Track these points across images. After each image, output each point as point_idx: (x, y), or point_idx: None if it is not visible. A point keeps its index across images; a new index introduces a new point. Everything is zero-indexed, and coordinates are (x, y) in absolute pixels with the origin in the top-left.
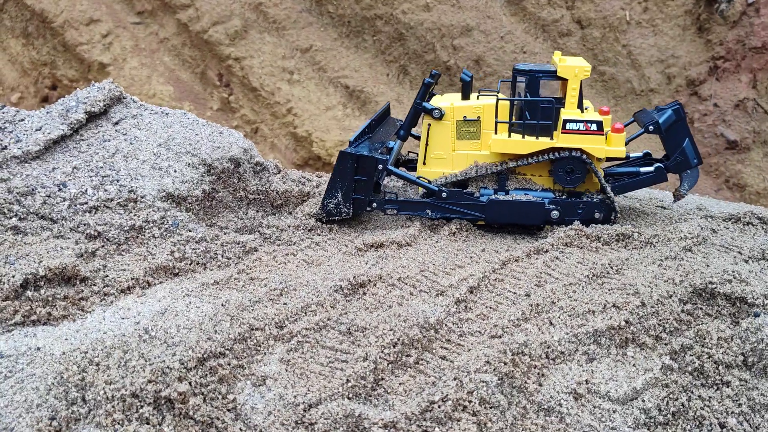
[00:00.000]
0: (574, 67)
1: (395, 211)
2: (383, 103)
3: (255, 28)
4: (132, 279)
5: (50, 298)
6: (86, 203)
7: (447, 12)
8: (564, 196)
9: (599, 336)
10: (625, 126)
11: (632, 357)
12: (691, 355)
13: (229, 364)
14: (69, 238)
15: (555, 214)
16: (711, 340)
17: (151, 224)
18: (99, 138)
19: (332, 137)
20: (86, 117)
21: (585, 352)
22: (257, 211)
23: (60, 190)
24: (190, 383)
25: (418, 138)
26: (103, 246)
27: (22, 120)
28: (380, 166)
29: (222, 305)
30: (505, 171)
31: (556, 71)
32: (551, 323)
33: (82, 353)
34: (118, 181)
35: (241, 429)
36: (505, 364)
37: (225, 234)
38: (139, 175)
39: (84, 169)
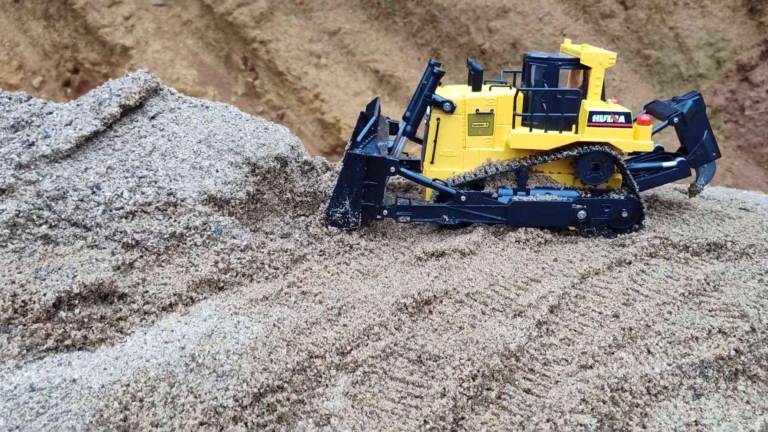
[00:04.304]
0: (599, 54)
1: (408, 219)
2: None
3: (281, 9)
4: (174, 295)
5: (86, 319)
6: (122, 208)
7: None
8: (588, 195)
9: (706, 367)
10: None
11: (744, 392)
12: None
13: (288, 400)
14: (104, 248)
15: (582, 214)
16: None
17: (193, 231)
18: (134, 134)
19: None
20: (120, 111)
21: (691, 386)
22: (305, 215)
23: (93, 193)
24: (246, 424)
25: (416, 140)
26: (141, 256)
27: (50, 113)
28: (392, 169)
29: (274, 326)
30: (525, 169)
31: (576, 59)
32: (649, 351)
33: (123, 386)
34: (156, 182)
35: None
36: (604, 402)
37: (271, 241)
38: (179, 175)
39: (119, 169)
